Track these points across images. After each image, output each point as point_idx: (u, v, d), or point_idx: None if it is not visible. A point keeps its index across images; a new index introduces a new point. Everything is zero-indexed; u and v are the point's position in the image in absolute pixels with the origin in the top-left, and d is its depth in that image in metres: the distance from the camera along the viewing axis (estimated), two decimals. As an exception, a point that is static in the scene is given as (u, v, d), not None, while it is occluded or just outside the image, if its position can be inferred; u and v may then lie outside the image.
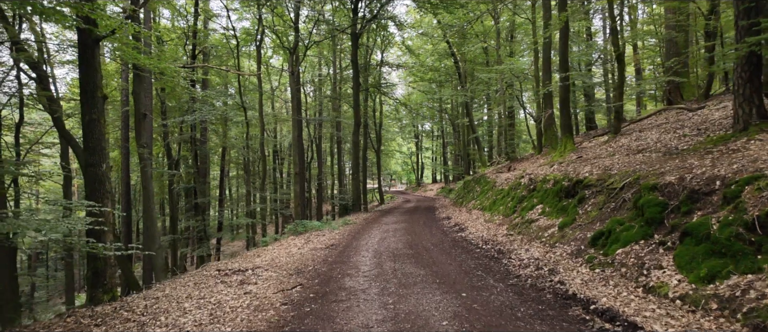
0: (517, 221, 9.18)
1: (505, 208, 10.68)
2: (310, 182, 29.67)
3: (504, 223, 9.95)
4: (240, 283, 7.03)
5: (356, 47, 20.98)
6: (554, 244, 7.04)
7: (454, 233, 10.60)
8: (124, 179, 19.55)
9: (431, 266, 7.11)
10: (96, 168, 8.81)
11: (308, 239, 12.01)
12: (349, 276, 6.81)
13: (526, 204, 9.54)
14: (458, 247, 8.72)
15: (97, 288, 8.69)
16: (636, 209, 5.96)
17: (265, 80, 28.06)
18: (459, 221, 12.74)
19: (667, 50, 14.92)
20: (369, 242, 10.13)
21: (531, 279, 5.93)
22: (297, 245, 10.92)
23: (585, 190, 7.57)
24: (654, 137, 9.27)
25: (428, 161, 51.22)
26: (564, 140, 11.62)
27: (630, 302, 4.52)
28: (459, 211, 15.74)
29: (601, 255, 5.86)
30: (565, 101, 11.63)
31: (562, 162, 10.49)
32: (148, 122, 17.43)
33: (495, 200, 12.08)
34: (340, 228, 13.83)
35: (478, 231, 10.11)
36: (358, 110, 21.54)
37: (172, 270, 21.35)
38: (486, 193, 14.31)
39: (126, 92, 18.57)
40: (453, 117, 31.57)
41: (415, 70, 24.44)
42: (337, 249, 9.73)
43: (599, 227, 6.42)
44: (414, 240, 9.94)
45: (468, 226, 11.28)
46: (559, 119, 12.02)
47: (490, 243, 8.53)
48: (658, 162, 6.92)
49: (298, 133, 20.05)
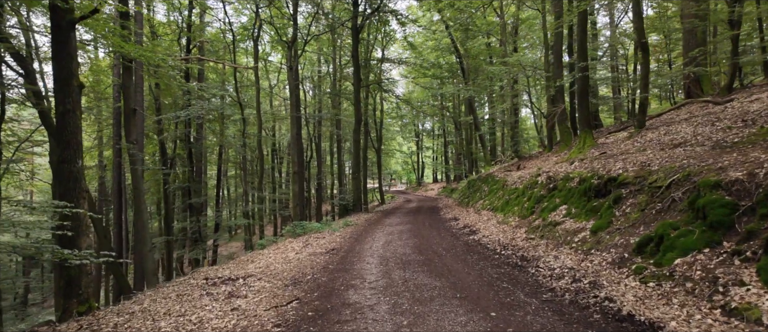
0: (537, 224, 8.21)
1: (520, 209, 9.71)
2: (310, 182, 28.67)
3: (521, 225, 8.98)
4: (228, 296, 6.04)
5: (357, 42, 20.01)
6: (589, 251, 6.07)
7: (465, 236, 9.62)
8: (116, 178, 18.53)
9: (447, 275, 6.13)
10: (70, 164, 7.82)
11: (307, 242, 11.03)
12: (354, 288, 5.83)
13: (546, 205, 8.57)
14: (473, 252, 7.75)
15: (71, 299, 7.70)
16: (693, 211, 4.99)
17: (263, 77, 27.07)
18: (468, 222, 11.76)
19: (686, 42, 13.97)
20: (373, 247, 9.15)
21: (569, 293, 4.96)
22: (295, 249, 9.93)
23: (621, 189, 6.59)
24: (689, 131, 8.30)
25: (429, 160, 50.24)
26: (583, 136, 10.66)
27: (709, 328, 3.56)
28: (466, 212, 14.77)
29: (652, 266, 4.88)
30: (584, 93, 10.67)
31: (583, 159, 9.52)
32: (138, 118, 16.41)
33: (508, 200, 11.11)
34: (341, 230, 12.85)
35: (492, 234, 9.13)
36: (359, 107, 20.56)
37: (168, 271, 20.40)
38: (496, 193, 13.34)
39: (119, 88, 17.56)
40: (455, 115, 30.61)
41: (417, 66, 23.45)
42: (338, 253, 8.74)
43: (645, 232, 5.45)
44: (422, 244, 8.96)
45: (479, 228, 10.30)
46: (578, 113, 11.05)
47: (510, 248, 7.55)
48: (709, 157, 5.95)
49: (297, 130, 19.06)
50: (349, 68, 25.28)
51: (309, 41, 19.93)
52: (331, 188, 34.54)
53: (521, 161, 16.47)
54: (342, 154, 29.92)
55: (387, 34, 23.38)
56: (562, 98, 14.68)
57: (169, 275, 19.47)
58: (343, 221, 15.00)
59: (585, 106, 10.63)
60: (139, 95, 16.00)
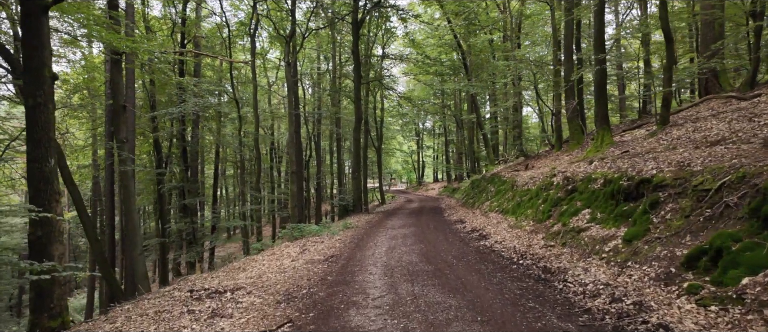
0: (557, 229, 7.39)
1: (535, 212, 8.89)
2: (309, 181, 27.83)
3: (537, 230, 8.16)
4: (211, 314, 5.22)
5: (357, 38, 19.17)
6: (624, 263, 5.25)
7: (475, 242, 8.80)
8: (108, 178, 17.69)
9: (462, 291, 5.31)
10: (41, 164, 6.98)
11: (304, 247, 10.21)
12: (356, 307, 5.01)
13: (566, 208, 7.76)
14: (488, 261, 6.93)
15: (41, 313, 6.88)
16: (757, 220, 4.18)
17: (261, 75, 26.20)
18: (476, 226, 10.95)
19: (704, 35, 13.15)
20: (376, 253, 8.33)
21: (609, 316, 4.14)
22: (291, 256, 9.12)
23: (657, 192, 5.78)
24: (723, 127, 7.49)
25: (429, 159, 49.41)
26: (601, 133, 9.83)
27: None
28: (472, 213, 13.95)
29: (710, 285, 4.07)
30: (602, 87, 9.84)
31: (603, 158, 8.71)
32: (129, 115, 15.58)
33: (519, 202, 10.29)
34: (341, 233, 12.04)
35: (505, 240, 8.32)
36: (359, 105, 19.73)
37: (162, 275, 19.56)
38: (504, 194, 12.52)
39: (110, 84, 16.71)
40: (457, 113, 29.78)
41: (419, 63, 22.61)
42: (337, 262, 7.92)
43: (695, 243, 4.63)
44: (430, 251, 8.15)
45: (490, 232, 9.49)
46: (595, 109, 10.22)
47: (529, 257, 6.74)
48: (764, 155, 5.14)
49: (295, 128, 18.23)
50: (349, 66, 24.44)
51: (307, 37, 19.08)
52: (331, 188, 33.72)
53: (528, 161, 15.65)
54: (341, 153, 29.09)
55: (388, 31, 22.53)
56: (573, 94, 13.87)
57: (163, 279, 18.62)
58: (342, 223, 14.19)
59: (603, 101, 9.81)
60: (130, 91, 15.14)
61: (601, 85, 9.79)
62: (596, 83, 9.84)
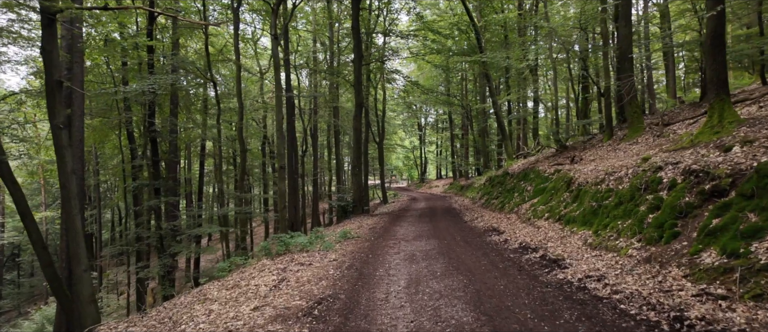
0: (713, 262, 4.00)
1: (638, 225, 5.49)
2: (305, 179, 24.36)
3: (656, 258, 4.77)
4: None
5: (358, 11, 15.74)
6: None
7: (544, 273, 5.39)
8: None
9: None
10: None
11: (285, 271, 6.82)
12: None
13: (715, 224, 4.36)
14: (594, 320, 3.53)
15: None
16: None
17: (246, 56, 22.60)
18: (524, 240, 7.54)
19: None
20: (391, 296, 4.92)
21: None
22: (262, 291, 5.72)
23: None
24: None
25: (432, 155, 45.94)
26: (718, 106, 6.42)
27: None
28: (505, 219, 10.56)
29: None
30: (719, 37, 6.42)
31: (747, 140, 5.32)
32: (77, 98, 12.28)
33: (593, 208, 6.88)
34: (338, 248, 8.65)
35: (603, 275, 4.90)
36: (359, 90, 16.31)
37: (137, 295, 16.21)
38: (555, 194, 9.13)
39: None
40: (465, 102, 26.34)
41: (428, 42, 19.16)
42: (328, 317, 4.51)
43: None
44: (480, 292, 4.75)
45: (559, 255, 6.07)
46: (708, 73, 6.79)
47: (679, 323, 3.33)
48: None
49: (285, 116, 14.78)
50: (348, 56, 20.97)
51: (298, 4, 15.58)
52: (329, 185, 30.32)
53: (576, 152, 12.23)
54: (340, 148, 25.65)
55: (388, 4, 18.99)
56: (631, 67, 10.49)
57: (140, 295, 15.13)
58: (341, 230, 10.79)
59: (720, 59, 6.38)
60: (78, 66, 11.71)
61: (717, 34, 6.38)
62: (710, 33, 6.43)
